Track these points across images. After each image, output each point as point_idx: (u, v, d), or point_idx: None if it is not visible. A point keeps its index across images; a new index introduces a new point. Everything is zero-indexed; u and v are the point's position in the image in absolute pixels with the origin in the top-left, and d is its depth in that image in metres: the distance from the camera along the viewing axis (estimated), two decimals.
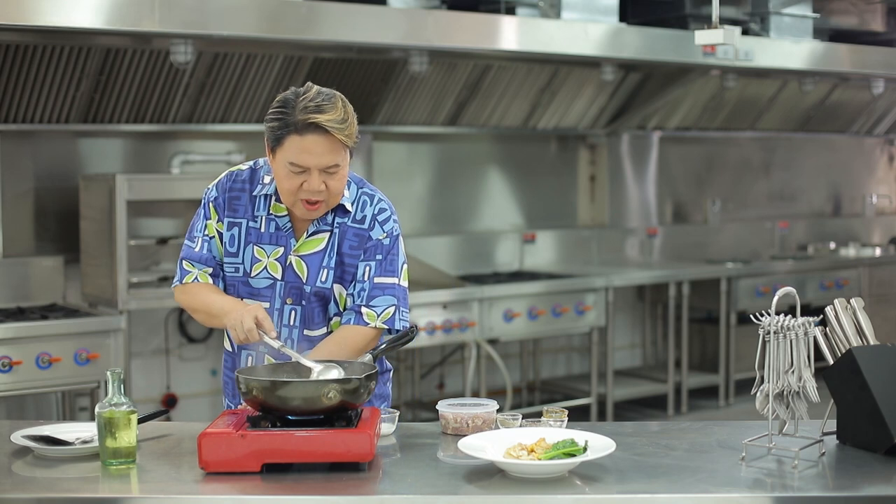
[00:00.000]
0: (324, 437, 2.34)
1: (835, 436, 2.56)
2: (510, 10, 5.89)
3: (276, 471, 2.34)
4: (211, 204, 2.82)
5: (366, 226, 2.79)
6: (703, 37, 3.74)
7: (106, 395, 2.42)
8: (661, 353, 7.81)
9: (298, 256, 2.78)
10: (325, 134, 2.60)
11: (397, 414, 2.75)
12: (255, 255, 2.78)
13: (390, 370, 3.01)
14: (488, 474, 2.34)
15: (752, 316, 2.54)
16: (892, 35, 7.72)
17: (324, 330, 2.81)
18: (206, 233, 2.82)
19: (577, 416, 4.47)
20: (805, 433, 2.48)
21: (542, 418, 2.67)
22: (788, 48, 6.94)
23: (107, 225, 5.17)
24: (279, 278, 2.77)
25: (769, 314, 2.42)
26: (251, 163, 2.87)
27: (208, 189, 2.85)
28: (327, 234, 2.78)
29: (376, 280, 2.78)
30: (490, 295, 6.11)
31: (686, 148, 8.17)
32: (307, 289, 2.77)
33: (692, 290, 7.15)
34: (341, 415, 2.44)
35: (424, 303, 5.79)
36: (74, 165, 5.60)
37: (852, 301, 2.60)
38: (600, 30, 6.09)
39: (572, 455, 2.33)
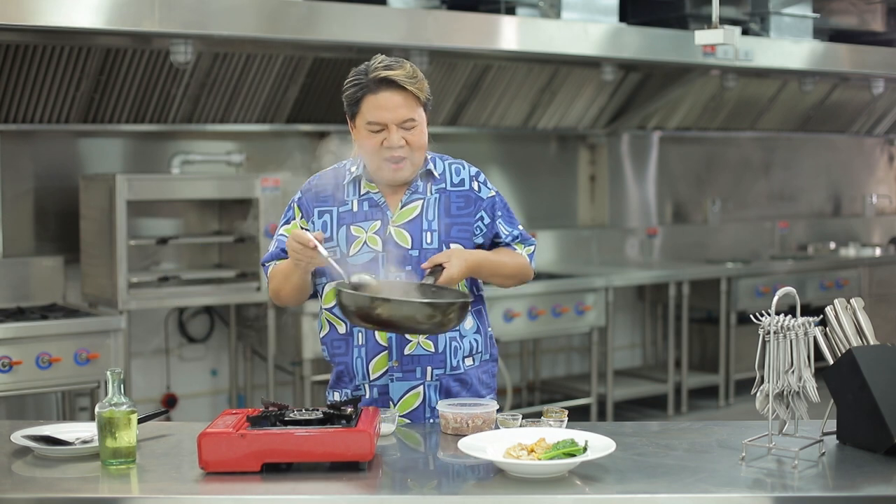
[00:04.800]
0: (323, 437, 2.34)
1: (835, 436, 2.56)
2: (510, 10, 5.89)
3: (276, 471, 2.34)
4: (295, 205, 2.94)
5: (467, 188, 2.93)
6: (703, 37, 3.73)
7: (106, 395, 2.42)
8: (661, 353, 7.81)
9: (397, 227, 2.85)
10: (397, 89, 2.76)
11: (397, 414, 2.75)
12: (352, 233, 2.86)
13: (496, 359, 3.04)
14: (488, 474, 2.34)
15: (752, 316, 2.54)
16: (892, 35, 7.72)
17: None
18: (283, 234, 2.92)
19: (577, 416, 4.46)
20: (805, 433, 2.48)
21: (542, 418, 2.67)
22: (788, 48, 6.94)
23: (107, 225, 5.17)
24: (380, 250, 2.83)
25: (769, 314, 2.42)
26: (335, 164, 2.98)
27: (295, 194, 2.96)
28: (420, 202, 2.88)
29: (517, 231, 2.99)
30: (490, 295, 6.07)
31: (686, 148, 8.17)
32: (414, 253, 2.83)
33: (692, 290, 7.15)
34: (341, 414, 2.44)
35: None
36: (74, 165, 5.60)
37: (852, 301, 2.60)
38: (600, 30, 6.09)
39: (572, 455, 2.33)
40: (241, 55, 5.51)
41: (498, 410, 2.73)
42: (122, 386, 2.43)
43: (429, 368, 2.85)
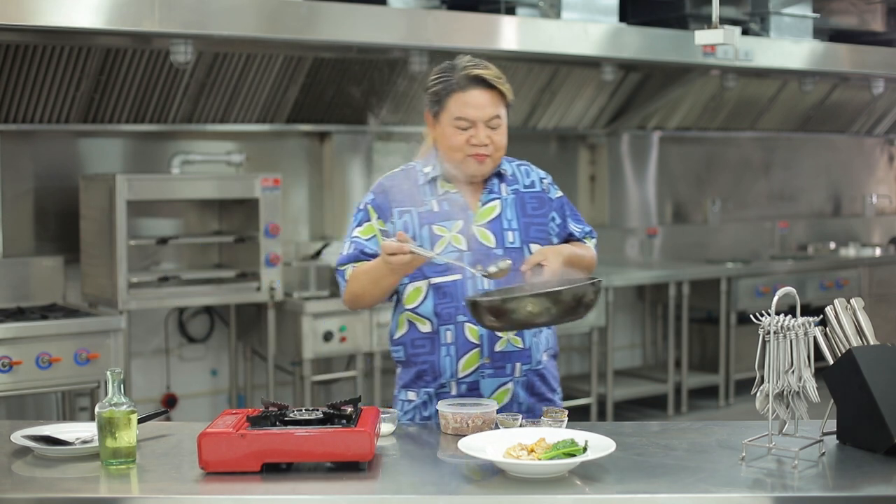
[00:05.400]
0: (323, 437, 2.34)
1: (835, 436, 2.56)
2: (510, 10, 5.89)
3: (276, 471, 2.34)
4: (369, 206, 2.94)
5: (538, 189, 3.00)
6: (703, 37, 3.73)
7: (106, 395, 2.42)
8: (661, 353, 7.80)
9: (479, 226, 2.89)
10: (485, 87, 2.83)
11: (397, 414, 2.75)
12: (435, 233, 2.87)
13: (557, 355, 3.10)
14: (488, 474, 2.33)
15: (752, 316, 2.54)
16: (892, 35, 7.72)
17: None
18: (357, 236, 2.91)
19: (577, 416, 4.46)
20: (805, 433, 2.48)
21: (542, 418, 2.67)
22: (788, 48, 6.94)
23: (107, 225, 5.17)
24: (465, 249, 2.86)
25: (769, 314, 2.42)
26: (403, 166, 3.00)
27: (364, 197, 2.96)
28: (498, 201, 2.93)
29: (587, 228, 3.10)
30: None
31: (686, 148, 8.17)
32: (498, 252, 2.86)
33: (692, 290, 7.15)
34: (341, 414, 2.44)
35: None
36: (74, 165, 5.60)
37: (852, 301, 2.60)
38: (600, 30, 6.09)
39: (572, 455, 2.33)
40: (241, 55, 5.51)
41: (498, 410, 2.72)
42: (122, 386, 2.42)
43: (517, 364, 2.89)
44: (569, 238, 3.04)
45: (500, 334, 2.84)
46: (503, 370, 2.88)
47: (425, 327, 2.89)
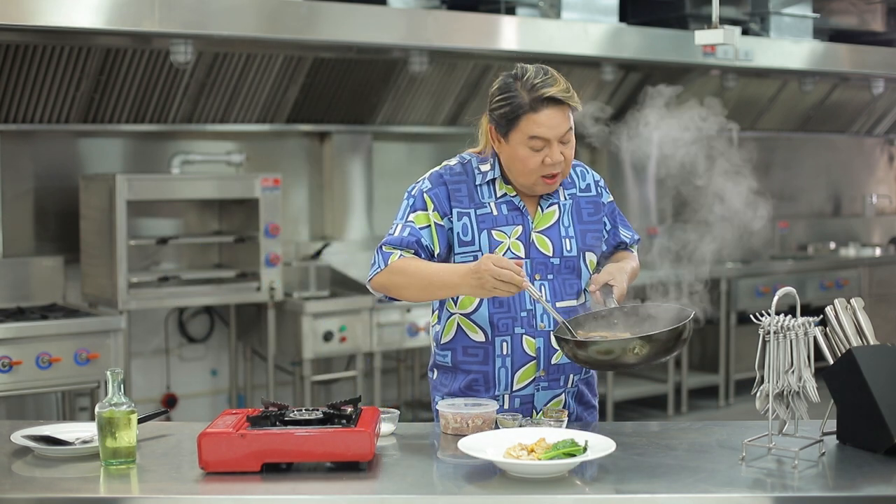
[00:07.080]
0: (323, 437, 2.34)
1: (835, 436, 2.55)
2: (510, 10, 5.89)
3: (276, 471, 2.34)
4: (426, 195, 2.80)
5: (593, 193, 2.94)
6: (703, 37, 3.73)
7: (106, 395, 2.42)
8: None
9: (538, 233, 2.82)
10: (557, 105, 2.75)
11: (397, 414, 2.75)
12: (495, 238, 2.79)
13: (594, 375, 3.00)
14: (488, 474, 2.33)
15: (752, 316, 2.54)
16: (892, 35, 7.72)
17: (574, 301, 2.82)
18: (412, 221, 2.78)
19: None
20: (805, 433, 2.48)
21: (542, 418, 2.67)
22: (788, 48, 6.94)
23: (107, 225, 5.17)
24: (524, 256, 2.78)
25: (769, 314, 2.42)
26: (457, 158, 2.89)
27: (417, 183, 2.84)
28: (556, 207, 2.86)
29: (636, 235, 3.05)
30: None
31: None
32: (555, 262, 2.81)
33: None
34: (341, 414, 2.44)
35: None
36: (74, 165, 5.60)
37: (852, 301, 2.60)
38: (600, 30, 6.09)
39: (572, 455, 2.33)
40: (241, 55, 5.51)
41: (498, 411, 2.72)
42: (122, 386, 2.42)
43: (571, 375, 2.84)
44: (618, 245, 2.99)
45: (557, 347, 2.75)
46: (557, 382, 2.82)
47: (477, 336, 2.81)
